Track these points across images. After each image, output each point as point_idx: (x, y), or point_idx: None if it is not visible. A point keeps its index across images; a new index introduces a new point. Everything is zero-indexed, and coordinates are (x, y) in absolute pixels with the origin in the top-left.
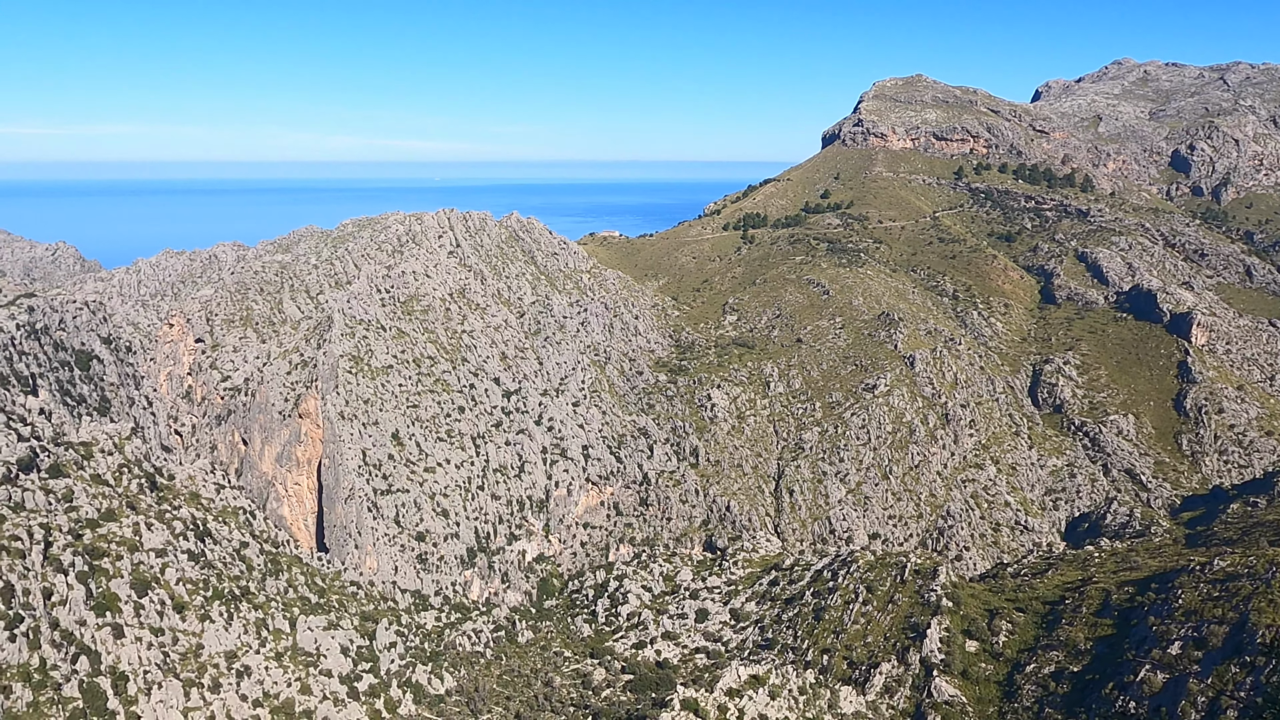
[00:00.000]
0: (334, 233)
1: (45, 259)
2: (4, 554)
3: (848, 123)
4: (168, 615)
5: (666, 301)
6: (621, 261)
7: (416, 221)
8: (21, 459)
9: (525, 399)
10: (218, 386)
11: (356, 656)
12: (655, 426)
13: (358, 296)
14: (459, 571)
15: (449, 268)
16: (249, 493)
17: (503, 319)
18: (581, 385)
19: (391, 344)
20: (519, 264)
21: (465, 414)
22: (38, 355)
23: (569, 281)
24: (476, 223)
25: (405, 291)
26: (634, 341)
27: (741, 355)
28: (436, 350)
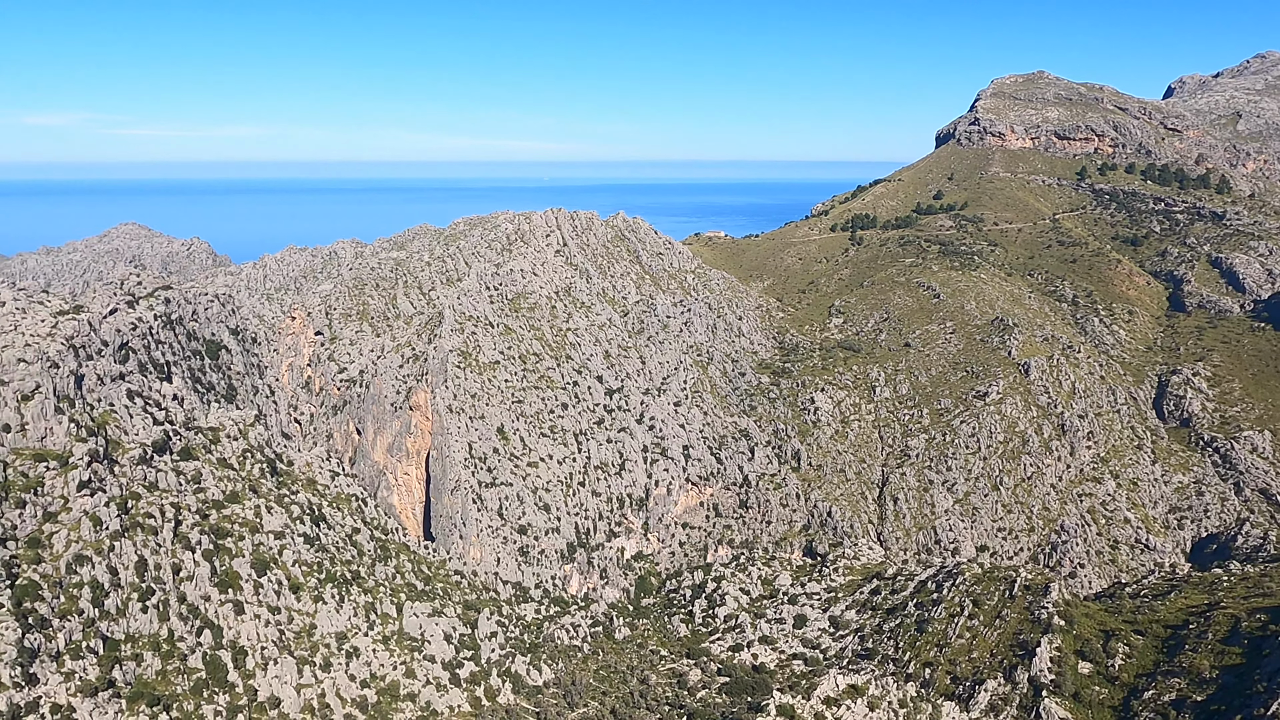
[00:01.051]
0: (446, 231)
1: (181, 254)
2: (139, 530)
3: (963, 121)
4: (284, 595)
5: (771, 303)
6: (726, 262)
7: (525, 220)
8: (156, 441)
9: (627, 397)
10: (335, 378)
11: (459, 644)
12: (757, 428)
13: (467, 293)
14: (559, 566)
15: (555, 266)
16: (361, 481)
17: (607, 317)
18: (683, 385)
19: (499, 340)
20: (624, 263)
21: (568, 411)
22: (173, 344)
23: (673, 281)
24: (583, 222)
25: (513, 289)
26: (737, 342)
27: (847, 359)
28: (542, 347)
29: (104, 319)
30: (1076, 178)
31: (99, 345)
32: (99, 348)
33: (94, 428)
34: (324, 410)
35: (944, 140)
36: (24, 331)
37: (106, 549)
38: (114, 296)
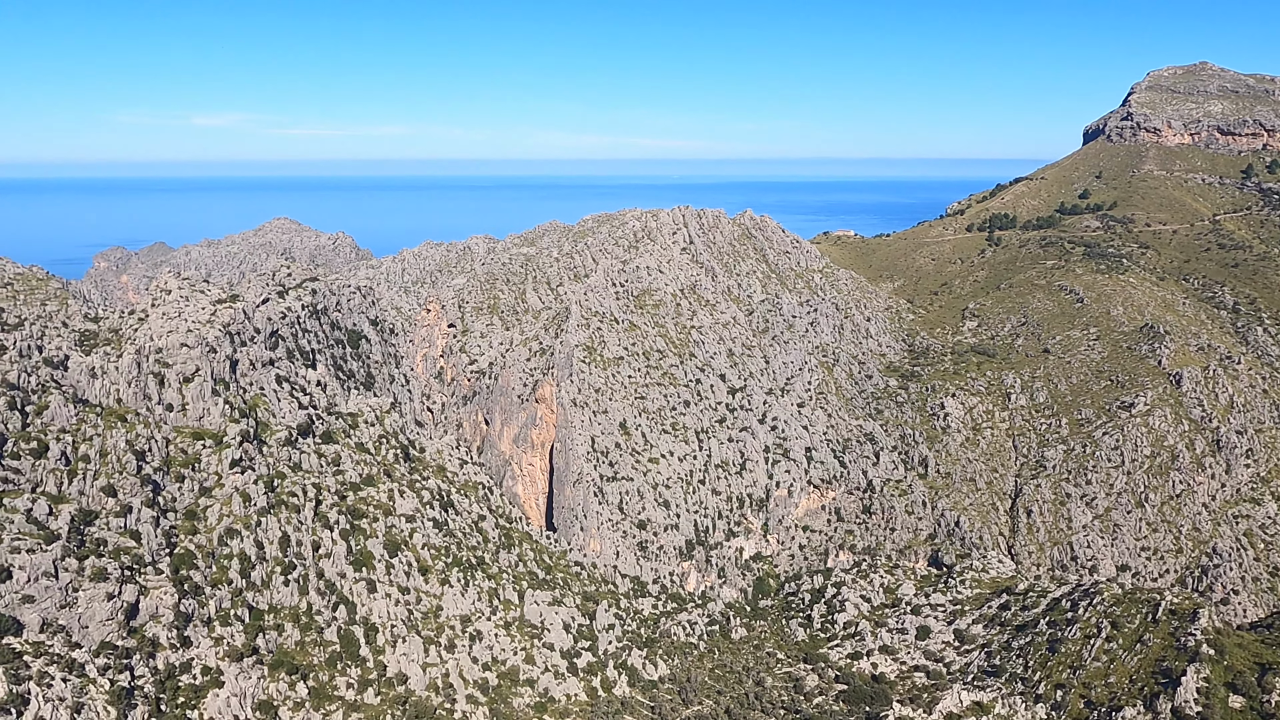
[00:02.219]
0: (575, 227)
1: (327, 247)
2: (283, 507)
3: (1114, 117)
4: (413, 576)
5: (901, 304)
6: (855, 261)
7: (652, 218)
8: (301, 424)
9: (750, 397)
10: (465, 369)
11: (577, 634)
12: (883, 433)
13: (594, 289)
14: (677, 562)
15: (681, 264)
16: (488, 470)
17: (731, 316)
18: (808, 386)
19: (623, 336)
20: (750, 261)
21: (690, 408)
22: (318, 333)
23: (800, 280)
24: (710, 220)
25: (639, 286)
26: (864, 344)
27: (980, 364)
28: (666, 344)
29: (257, 308)
30: (1241, 176)
31: (252, 332)
32: (252, 335)
33: (246, 410)
34: (454, 400)
35: (1092, 136)
36: (187, 318)
37: (254, 524)
38: (266, 287)
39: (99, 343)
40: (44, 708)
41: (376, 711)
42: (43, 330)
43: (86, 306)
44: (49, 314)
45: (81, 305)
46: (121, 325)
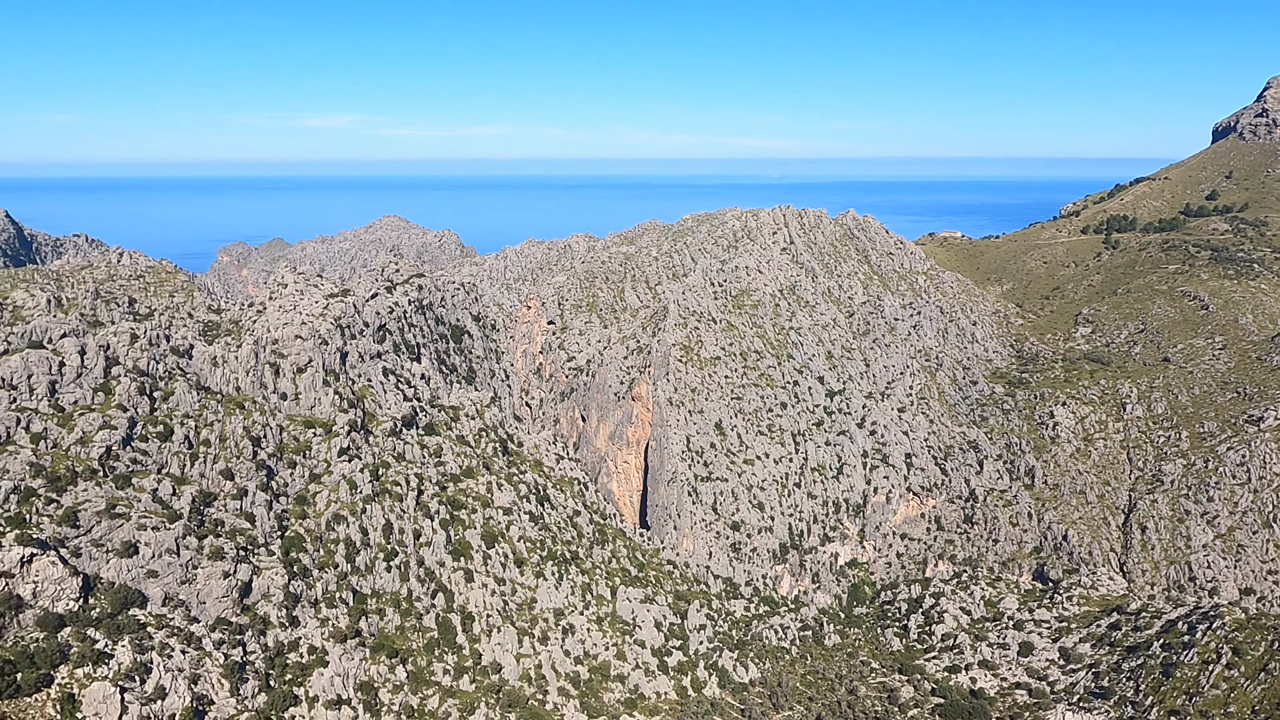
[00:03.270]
0: (674, 227)
1: (433, 244)
2: (387, 496)
3: (1247, 113)
4: (509, 568)
5: (1009, 308)
6: (962, 264)
7: (753, 217)
8: (405, 416)
9: (849, 400)
10: (563, 366)
11: (668, 632)
12: (987, 441)
13: (692, 288)
14: (770, 565)
15: (781, 264)
16: (584, 466)
17: (831, 317)
18: (909, 391)
19: (721, 336)
20: (852, 262)
21: (787, 410)
22: (423, 327)
23: (903, 282)
24: (811, 220)
25: (737, 285)
26: (970, 349)
27: (1094, 372)
28: (763, 345)
29: (366, 302)
30: None
31: (361, 326)
32: (361, 328)
33: (354, 400)
34: (552, 396)
35: (1222, 134)
36: (301, 311)
37: (359, 511)
38: (375, 282)
39: (220, 333)
40: (164, 677)
41: (471, 699)
42: (170, 320)
43: (210, 299)
44: (176, 305)
45: (205, 297)
46: (241, 317)
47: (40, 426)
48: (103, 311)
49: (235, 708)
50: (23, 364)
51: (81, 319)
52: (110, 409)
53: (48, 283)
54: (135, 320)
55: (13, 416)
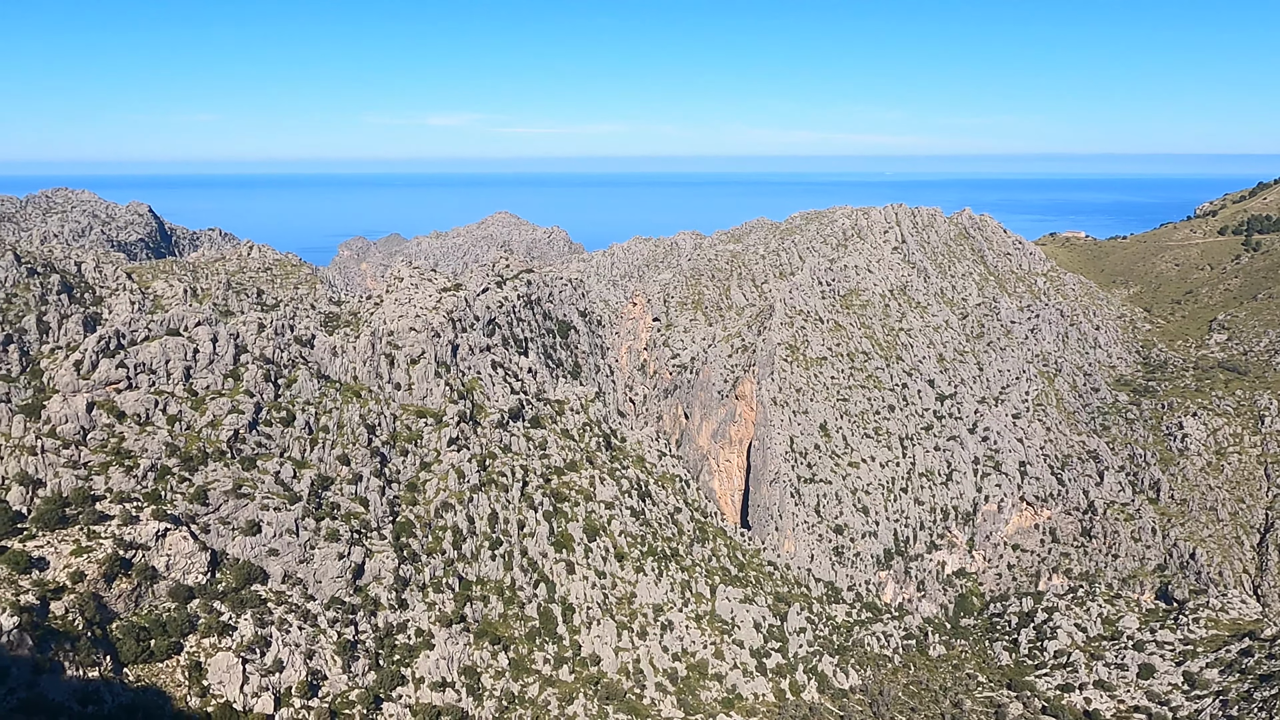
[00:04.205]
0: (782, 225)
1: (543, 240)
2: (493, 486)
3: None
4: (610, 562)
5: (1136, 313)
6: (1085, 265)
7: (863, 216)
8: (512, 408)
9: (960, 404)
10: (667, 363)
11: (767, 634)
12: (1108, 451)
13: (799, 287)
14: (874, 571)
15: (892, 263)
16: (685, 463)
17: (943, 319)
18: (1025, 396)
19: (827, 336)
20: (966, 263)
21: (895, 413)
22: (531, 322)
23: (1021, 284)
24: (925, 218)
25: (845, 285)
26: (1091, 354)
27: (1228, 381)
28: (871, 346)
29: (477, 296)
30: None
31: (472, 319)
32: (472, 321)
33: (464, 392)
34: (656, 392)
35: None
36: (415, 304)
37: (467, 500)
38: (486, 277)
39: (340, 324)
40: (282, 651)
41: (570, 689)
42: (294, 311)
43: (331, 291)
44: (300, 297)
45: (327, 290)
46: (360, 309)
47: (176, 409)
48: (233, 301)
49: (346, 684)
50: (161, 350)
51: (214, 308)
52: (238, 394)
53: (185, 274)
54: (263, 310)
55: (152, 399)
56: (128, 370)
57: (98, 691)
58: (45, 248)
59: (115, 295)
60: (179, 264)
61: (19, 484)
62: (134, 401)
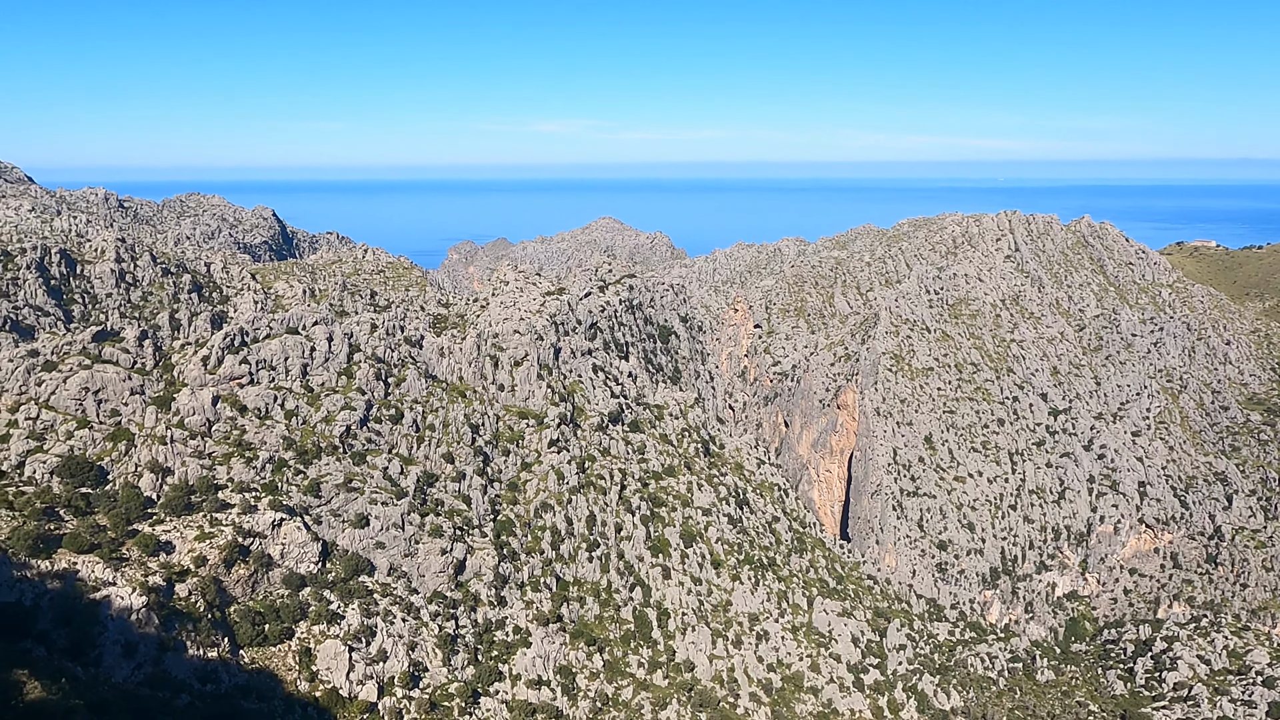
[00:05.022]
0: (889, 232)
1: (645, 245)
2: (592, 489)
3: None
4: (706, 569)
5: (1272, 328)
6: (1215, 277)
7: (974, 223)
8: (612, 412)
9: (1075, 420)
10: (768, 370)
11: (865, 649)
12: (1238, 473)
13: (905, 296)
14: (979, 589)
15: (1004, 272)
16: (785, 472)
17: (1059, 331)
18: (1146, 414)
19: (934, 346)
20: (1084, 272)
21: (1005, 427)
22: (632, 327)
23: (1144, 295)
24: (1040, 226)
25: (954, 294)
26: (1221, 371)
27: None
28: (981, 357)
29: (580, 301)
30: None
31: (574, 323)
32: (574, 325)
33: (565, 394)
34: (756, 400)
35: None
36: (520, 308)
37: (565, 501)
38: (589, 281)
39: (448, 326)
40: (386, 641)
41: (664, 694)
42: (405, 313)
43: (440, 293)
44: (411, 298)
45: (436, 292)
46: (467, 311)
47: (293, 405)
48: (348, 302)
49: (446, 677)
50: (281, 348)
51: (330, 308)
52: (351, 391)
53: (304, 275)
54: (375, 311)
55: (271, 394)
56: (250, 366)
57: (216, 671)
58: (178, 249)
59: (240, 295)
60: (299, 265)
61: (150, 471)
62: (255, 396)
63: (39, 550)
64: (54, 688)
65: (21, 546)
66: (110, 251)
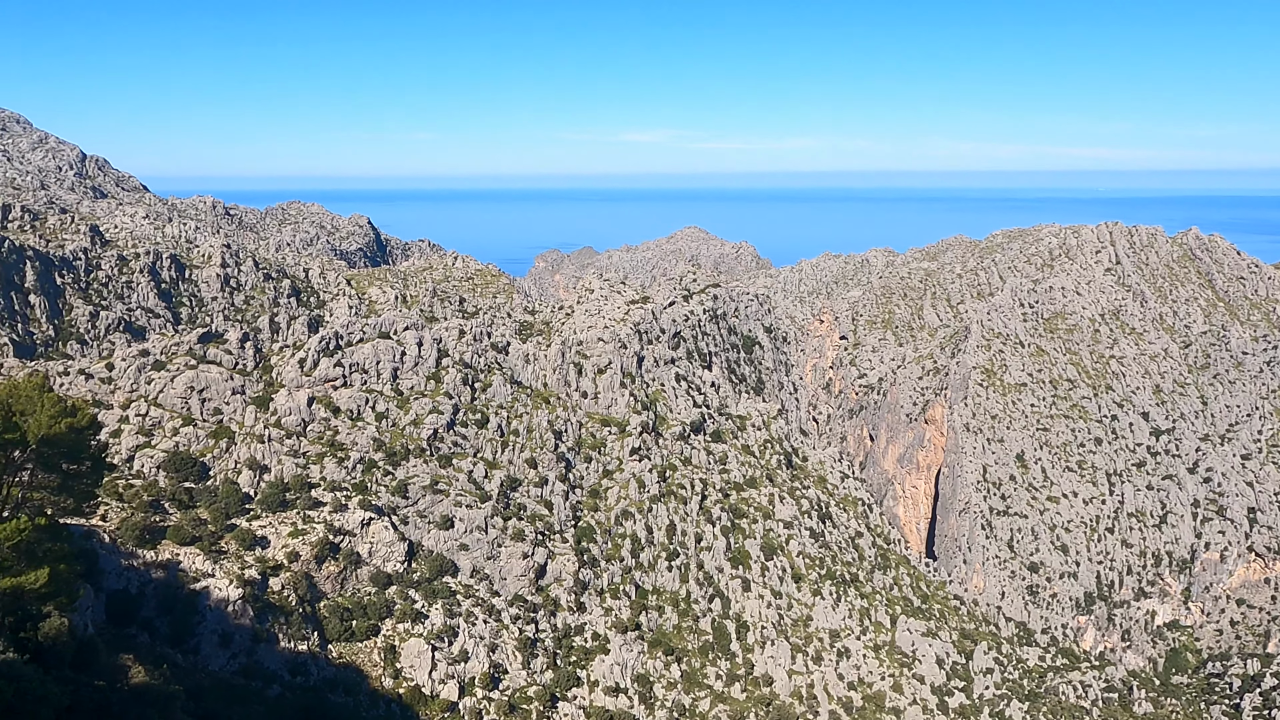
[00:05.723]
0: (982, 243)
1: (730, 255)
2: (672, 498)
3: None
4: (786, 582)
5: None
6: None
7: (1072, 235)
8: (694, 421)
9: (1179, 441)
10: (854, 382)
11: (951, 671)
12: None
13: (998, 309)
14: (1072, 615)
15: (1104, 286)
16: (869, 487)
17: (1162, 347)
18: (1257, 436)
19: (1028, 361)
20: (1191, 287)
21: (1102, 446)
22: (715, 336)
23: (1256, 311)
24: (1143, 238)
25: (1050, 308)
26: None
27: None
28: (1078, 373)
29: (664, 310)
30: None
31: (658, 332)
32: (658, 334)
33: (647, 403)
34: (840, 412)
35: None
36: (604, 315)
37: (646, 509)
38: (673, 291)
39: (533, 332)
40: (468, 642)
41: (741, 707)
42: (492, 319)
43: (526, 300)
44: (498, 305)
45: (522, 299)
46: (552, 319)
47: (383, 407)
48: (438, 308)
49: (525, 680)
50: (373, 352)
51: (421, 314)
52: (439, 396)
53: (396, 281)
54: (463, 317)
55: (363, 397)
56: (344, 369)
57: (305, 664)
58: (279, 255)
59: (336, 300)
60: (392, 272)
61: (248, 468)
62: (348, 398)
63: (145, 541)
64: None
65: (129, 537)
66: (216, 257)
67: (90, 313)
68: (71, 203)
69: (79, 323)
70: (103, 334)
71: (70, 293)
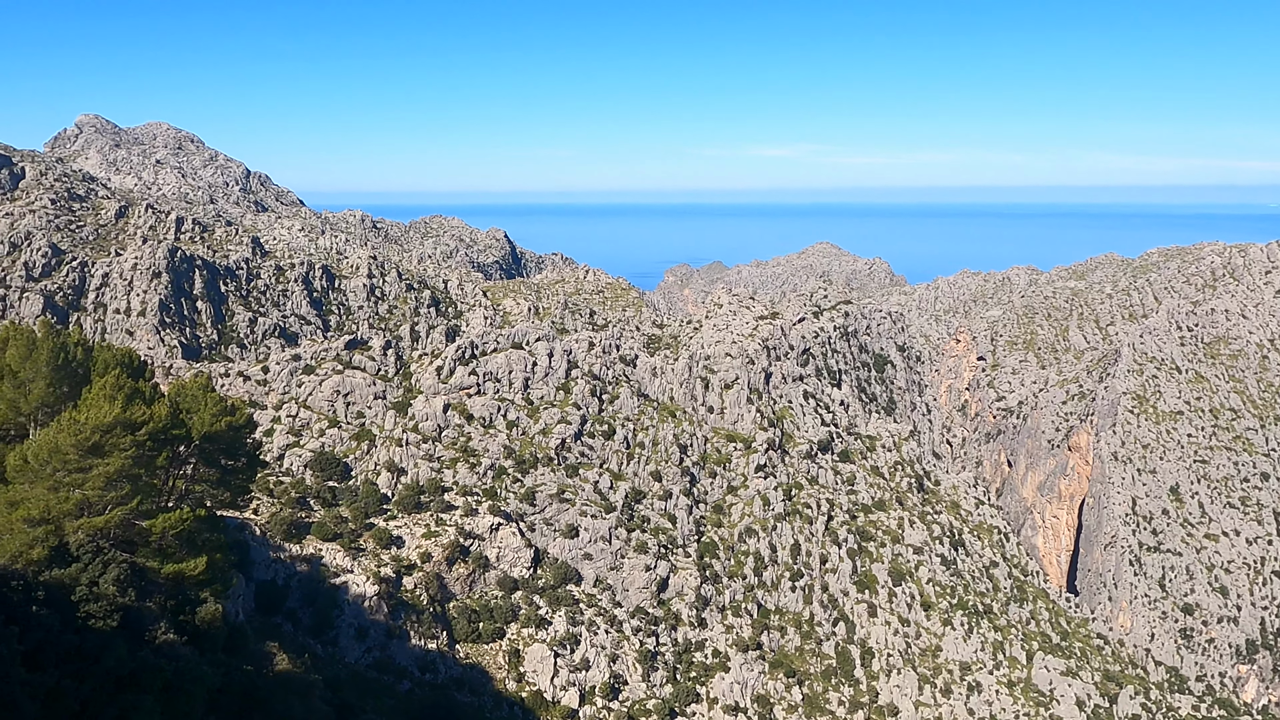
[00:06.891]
0: (1135, 261)
1: (863, 271)
2: (797, 517)
3: None
4: (915, 610)
5: None
6: None
7: (1238, 253)
8: (821, 440)
9: None
10: (991, 405)
11: (1092, 714)
12: None
13: (1153, 331)
14: (1231, 663)
15: (1274, 309)
16: (1006, 514)
17: None
18: None
19: (1185, 388)
20: None
21: (1269, 482)
22: (845, 354)
23: None
24: None
25: (1212, 332)
26: None
27: None
28: (1243, 402)
29: (793, 326)
30: None
31: (786, 348)
32: (786, 350)
33: (774, 420)
34: (976, 436)
35: None
36: (732, 330)
37: (770, 527)
38: (803, 307)
39: (661, 346)
40: (589, 651)
41: None
42: (621, 332)
43: (655, 314)
44: (627, 318)
45: (651, 313)
46: (680, 333)
47: (514, 416)
48: (569, 320)
49: (645, 693)
50: (506, 361)
51: (552, 325)
52: (567, 406)
53: (530, 293)
54: (593, 330)
55: (495, 405)
56: (478, 378)
57: (435, 662)
58: (420, 267)
59: (472, 310)
60: (526, 284)
61: (387, 470)
62: (481, 406)
63: (291, 535)
64: (298, 662)
65: (277, 531)
66: (363, 268)
67: (249, 318)
68: (236, 215)
69: (239, 328)
70: (260, 338)
71: (232, 299)
